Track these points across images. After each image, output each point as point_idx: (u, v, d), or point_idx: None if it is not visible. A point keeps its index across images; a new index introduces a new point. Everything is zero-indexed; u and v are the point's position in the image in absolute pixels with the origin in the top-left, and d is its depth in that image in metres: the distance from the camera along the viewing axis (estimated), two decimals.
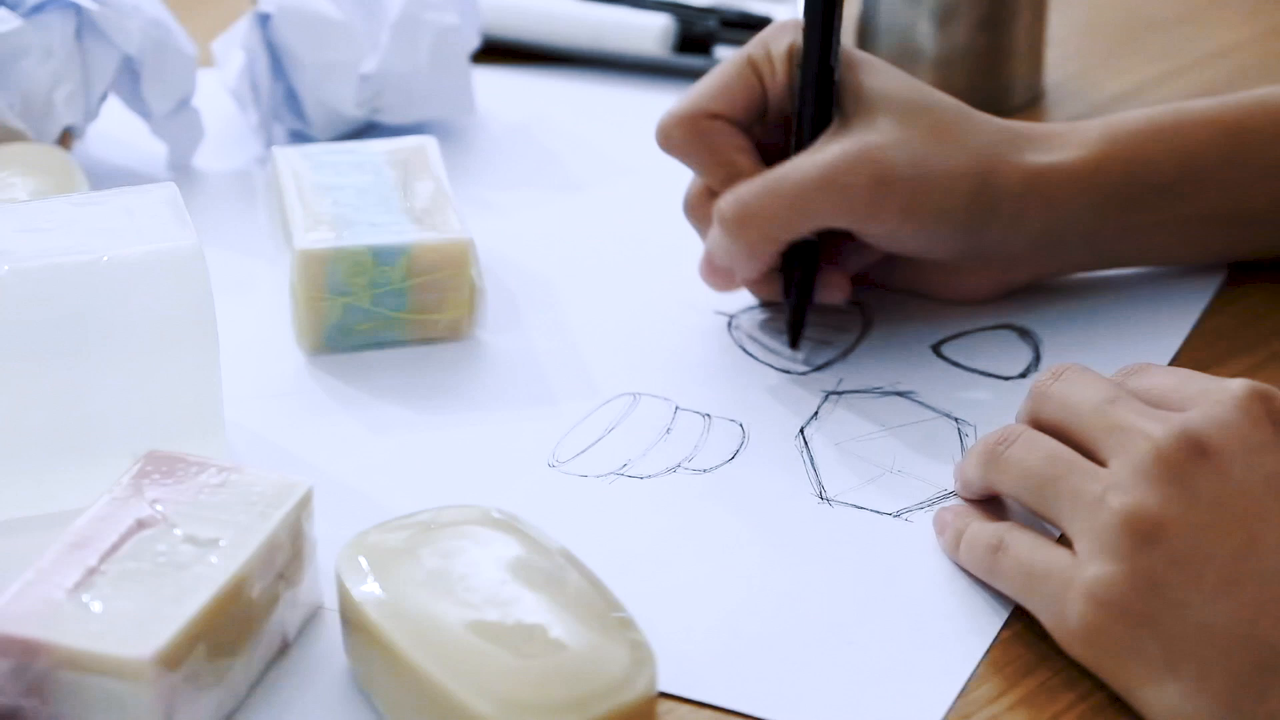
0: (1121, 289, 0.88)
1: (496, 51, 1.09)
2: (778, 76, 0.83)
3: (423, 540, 0.65)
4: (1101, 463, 0.66)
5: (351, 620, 0.65)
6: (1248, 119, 0.86)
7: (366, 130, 1.00)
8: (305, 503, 0.67)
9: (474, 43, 1.02)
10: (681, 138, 0.83)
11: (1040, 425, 0.70)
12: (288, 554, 0.66)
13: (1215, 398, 0.66)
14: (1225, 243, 0.88)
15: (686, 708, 0.65)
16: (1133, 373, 0.70)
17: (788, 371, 0.83)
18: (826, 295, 0.85)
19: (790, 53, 0.83)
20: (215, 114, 1.01)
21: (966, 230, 0.82)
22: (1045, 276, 0.88)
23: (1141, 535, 0.63)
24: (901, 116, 0.81)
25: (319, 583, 0.68)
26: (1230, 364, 0.83)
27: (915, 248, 0.83)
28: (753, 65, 0.84)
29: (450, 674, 0.61)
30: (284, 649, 0.67)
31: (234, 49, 1.00)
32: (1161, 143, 0.85)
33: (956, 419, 0.80)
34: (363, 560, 0.65)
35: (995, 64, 1.03)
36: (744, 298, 0.87)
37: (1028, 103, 1.05)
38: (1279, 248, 0.88)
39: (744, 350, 0.84)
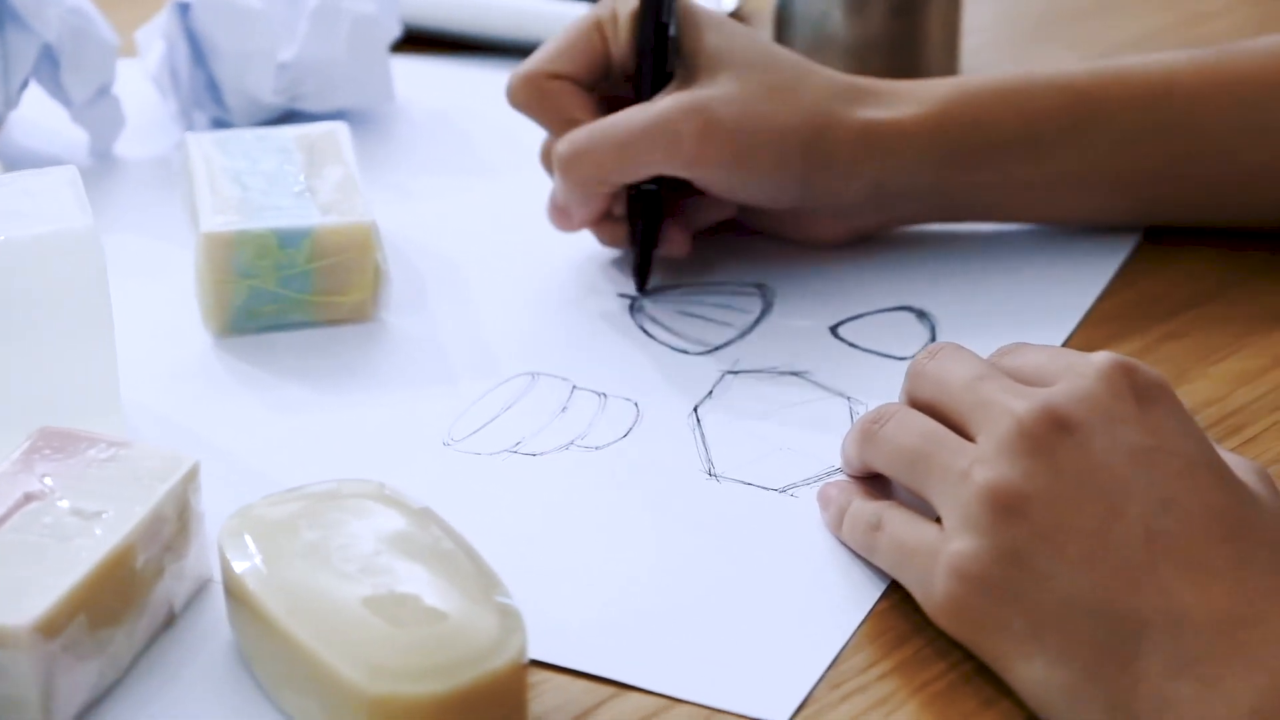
0: (1020, 271, 0.89)
1: (418, 41, 1.10)
2: (620, 37, 0.87)
3: (304, 513, 0.66)
4: (972, 439, 0.67)
5: (232, 591, 0.66)
6: (1097, 86, 0.87)
7: (287, 118, 1.01)
8: (191, 477, 0.68)
9: (394, 32, 1.03)
10: (525, 97, 0.87)
11: (916, 404, 0.71)
12: (174, 527, 0.67)
13: (1079, 371, 0.66)
14: (1074, 206, 0.90)
15: (563, 677, 0.67)
16: (1007, 352, 0.71)
17: (686, 352, 0.84)
18: (668, 249, 0.88)
19: (633, 14, 0.86)
20: (137, 102, 1.02)
21: (802, 181, 0.86)
22: (895, 224, 0.91)
23: (1003, 509, 0.64)
24: (739, 73, 0.84)
25: (206, 556, 0.70)
26: (1122, 345, 0.84)
27: (753, 197, 0.87)
28: (598, 26, 0.87)
29: (322, 642, 0.62)
30: (170, 621, 0.68)
31: (156, 38, 1.01)
32: (1006, 104, 0.87)
33: (849, 397, 0.81)
34: (243, 532, 0.66)
35: (909, 52, 1.03)
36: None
37: None
38: (1129, 215, 0.90)
39: (644, 332, 0.86)
